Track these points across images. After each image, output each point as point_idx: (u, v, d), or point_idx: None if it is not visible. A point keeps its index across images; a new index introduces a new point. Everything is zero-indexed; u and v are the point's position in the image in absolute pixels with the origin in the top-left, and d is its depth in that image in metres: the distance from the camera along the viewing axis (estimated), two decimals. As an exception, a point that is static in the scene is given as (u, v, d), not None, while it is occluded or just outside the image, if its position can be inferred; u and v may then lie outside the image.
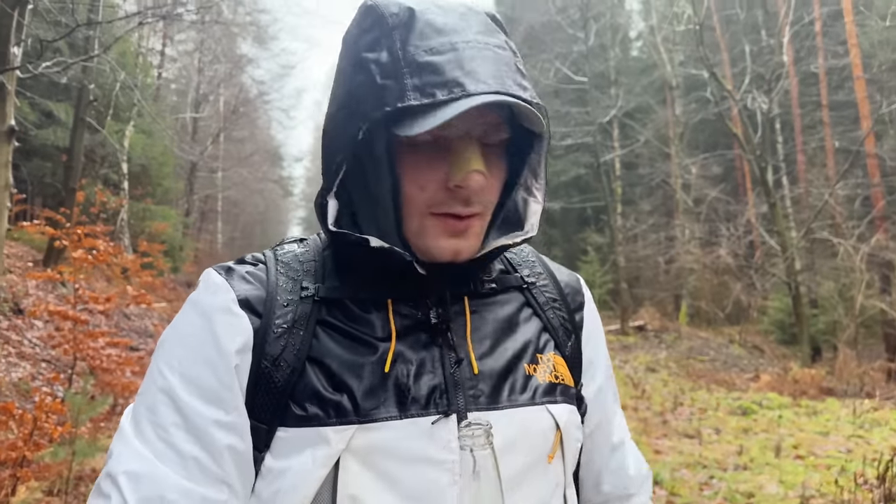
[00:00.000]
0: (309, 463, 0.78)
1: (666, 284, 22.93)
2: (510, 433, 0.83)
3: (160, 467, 0.77)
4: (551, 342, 0.94)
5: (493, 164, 0.85)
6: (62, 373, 6.87)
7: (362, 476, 0.78)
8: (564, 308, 0.99)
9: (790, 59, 18.01)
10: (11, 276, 9.52)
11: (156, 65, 22.16)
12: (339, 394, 0.80)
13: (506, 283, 0.96)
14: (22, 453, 4.09)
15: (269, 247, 0.99)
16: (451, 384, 0.83)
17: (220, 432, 0.79)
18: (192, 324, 0.86)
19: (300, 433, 0.80)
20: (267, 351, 0.82)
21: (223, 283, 0.87)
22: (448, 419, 0.81)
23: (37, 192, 16.64)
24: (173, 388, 0.81)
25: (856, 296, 13.55)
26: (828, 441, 7.21)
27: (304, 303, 0.86)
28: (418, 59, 0.78)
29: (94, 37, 11.33)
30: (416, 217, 0.84)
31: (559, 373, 0.92)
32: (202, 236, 29.76)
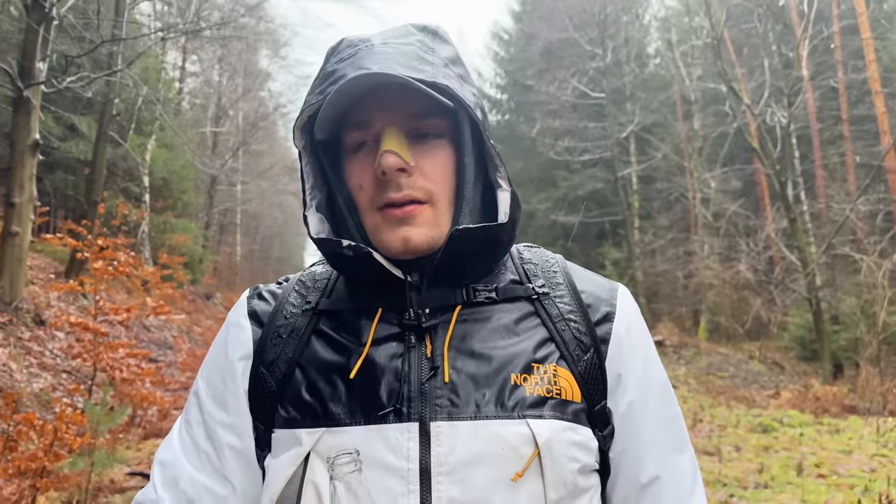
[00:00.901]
0: (283, 463, 0.85)
1: (685, 299, 22.73)
2: (473, 446, 0.81)
3: (181, 458, 0.93)
4: (556, 354, 0.89)
5: (433, 154, 0.89)
6: (82, 384, 6.92)
7: (325, 477, 0.82)
8: (583, 320, 0.93)
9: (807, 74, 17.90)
10: (34, 288, 9.63)
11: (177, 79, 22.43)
12: (313, 398, 0.86)
13: (511, 293, 0.93)
14: (42, 464, 4.12)
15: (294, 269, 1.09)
16: (417, 392, 0.83)
17: (223, 431, 0.93)
18: (220, 336, 1.00)
19: (285, 434, 0.87)
20: (264, 358, 0.92)
21: (244, 301, 1.00)
22: (410, 427, 0.82)
23: (59, 205, 16.84)
24: (199, 390, 0.97)
25: (878, 312, 13.35)
26: (850, 460, 7.08)
27: (304, 315, 0.94)
28: (327, 69, 0.90)
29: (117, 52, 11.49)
30: (367, 216, 0.90)
31: (560, 387, 0.87)
32: (221, 249, 29.93)
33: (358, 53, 0.88)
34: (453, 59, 0.93)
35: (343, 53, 0.90)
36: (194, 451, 0.93)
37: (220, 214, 28.54)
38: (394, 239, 0.87)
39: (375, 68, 0.83)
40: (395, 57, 0.86)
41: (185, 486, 0.91)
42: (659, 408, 0.96)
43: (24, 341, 7.62)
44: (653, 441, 0.94)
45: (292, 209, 40.74)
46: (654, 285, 23.41)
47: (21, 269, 7.93)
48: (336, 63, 0.89)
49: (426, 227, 0.87)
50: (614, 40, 22.69)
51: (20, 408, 5.76)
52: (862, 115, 19.07)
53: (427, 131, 0.89)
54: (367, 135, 0.89)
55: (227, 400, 0.93)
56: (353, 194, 0.91)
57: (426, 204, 0.88)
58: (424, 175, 0.88)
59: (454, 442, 0.81)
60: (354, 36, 0.93)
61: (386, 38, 0.91)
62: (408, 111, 0.87)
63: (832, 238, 15.57)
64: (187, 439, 0.95)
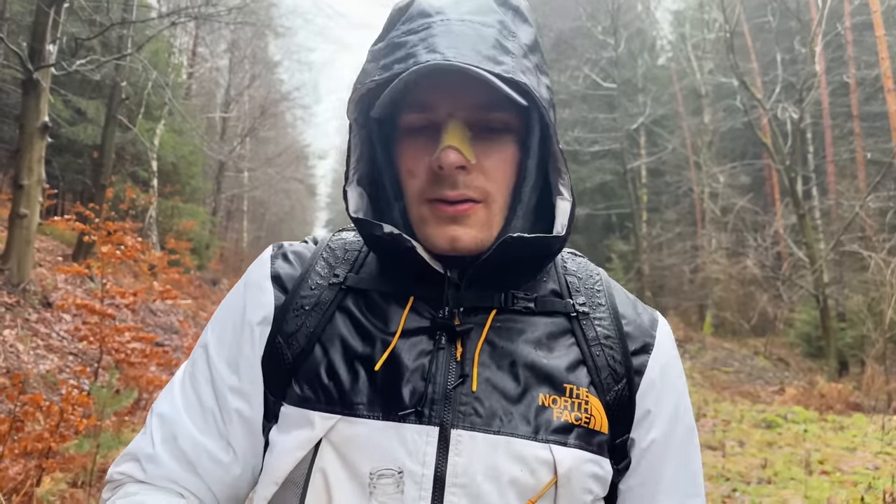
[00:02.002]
0: (291, 442, 0.81)
1: (691, 294, 22.68)
2: (492, 461, 0.78)
3: (183, 415, 0.88)
4: (587, 379, 0.85)
5: (495, 150, 0.83)
6: (88, 366, 6.95)
7: (336, 466, 0.79)
8: (619, 348, 0.88)
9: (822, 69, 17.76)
10: (41, 270, 9.66)
11: (187, 64, 22.42)
12: (331, 381, 0.82)
13: (550, 306, 0.89)
14: (48, 444, 4.14)
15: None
16: (441, 396, 0.79)
17: (232, 395, 0.87)
18: (237, 291, 0.94)
19: (295, 412, 0.82)
20: (283, 327, 0.86)
21: (267, 260, 0.94)
22: (430, 431, 0.78)
23: (68, 188, 16.90)
24: (209, 347, 0.91)
25: (885, 310, 13.29)
26: (854, 457, 7.07)
27: (330, 288, 0.88)
28: (395, 40, 0.81)
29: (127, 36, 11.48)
30: (414, 205, 0.84)
31: (591, 415, 0.83)
32: (228, 235, 30.01)
33: (432, 28, 0.79)
34: (532, 46, 0.85)
35: (414, 23, 0.81)
36: (198, 410, 0.88)
37: (228, 200, 28.60)
38: (441, 236, 0.81)
39: (451, 55, 0.75)
40: (472, 41, 0.78)
41: (185, 444, 0.86)
42: (682, 450, 0.93)
43: (31, 323, 7.66)
44: (672, 483, 0.91)
45: (299, 196, 40.83)
46: (660, 279, 23.36)
47: (29, 250, 7.95)
48: (405, 34, 0.80)
49: (476, 228, 0.82)
50: (627, 30, 22.55)
51: (27, 389, 5.79)
52: (874, 112, 18.93)
53: (493, 125, 0.82)
54: (427, 119, 0.82)
55: (241, 364, 0.87)
56: (401, 179, 0.85)
57: (480, 203, 0.82)
58: (484, 173, 0.81)
59: (473, 453, 0.78)
60: (426, 1, 0.84)
61: (463, 11, 0.81)
62: (476, 101, 0.80)
63: (841, 235, 15.49)
64: (191, 395, 0.89)
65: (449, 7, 0.82)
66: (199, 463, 0.85)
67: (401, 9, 0.85)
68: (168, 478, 0.86)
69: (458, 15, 0.81)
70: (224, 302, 0.95)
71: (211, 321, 0.94)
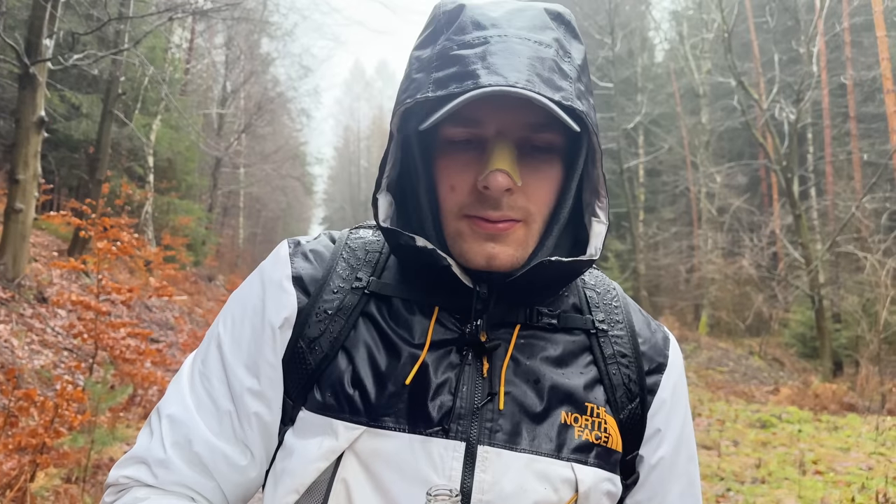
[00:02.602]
0: (314, 451, 0.79)
1: (686, 293, 22.73)
2: (519, 479, 0.78)
3: (196, 417, 0.84)
4: (603, 397, 0.86)
5: (539, 171, 0.81)
6: (83, 362, 6.94)
7: (360, 478, 0.78)
8: (635, 367, 0.89)
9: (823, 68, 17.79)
10: (36, 265, 9.64)
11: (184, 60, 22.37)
12: (356, 391, 0.80)
13: (571, 322, 0.89)
14: (42, 440, 4.13)
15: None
16: (469, 411, 0.80)
17: (251, 399, 0.84)
18: (252, 289, 0.90)
19: (316, 419, 0.81)
20: (306, 332, 0.84)
21: (286, 258, 0.90)
22: (457, 446, 0.78)
23: (63, 183, 16.84)
24: (223, 346, 0.87)
25: (880, 311, 13.33)
26: (848, 457, 7.09)
27: (353, 293, 0.86)
28: (449, 52, 0.78)
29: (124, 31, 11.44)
30: (451, 219, 0.82)
31: (609, 434, 0.84)
32: (224, 231, 29.96)
33: (490, 44, 0.76)
34: (583, 66, 0.83)
35: (468, 35, 0.78)
36: (213, 412, 0.84)
37: (224, 197, 28.55)
38: (478, 253, 0.80)
39: (513, 78, 0.73)
40: (532, 63, 0.75)
41: (200, 448, 0.82)
42: (687, 467, 0.94)
43: (26, 318, 7.64)
44: (678, 500, 0.92)
45: (296, 193, 40.76)
46: (656, 278, 23.40)
47: (24, 245, 7.93)
48: (460, 47, 0.77)
49: (514, 247, 0.81)
50: (624, 29, 22.56)
51: (21, 384, 5.78)
52: (871, 113, 18.99)
53: (539, 144, 0.80)
54: (473, 134, 0.79)
55: (261, 366, 0.84)
56: (438, 192, 0.82)
57: (521, 223, 0.81)
58: (527, 194, 0.80)
59: (500, 471, 0.78)
60: (476, 7, 0.81)
61: (520, 27, 0.79)
62: (526, 121, 0.78)
63: (836, 235, 15.53)
64: (205, 397, 0.85)
65: (504, 20, 0.80)
66: (216, 467, 0.83)
67: (448, 13, 0.82)
68: (180, 483, 0.83)
69: (516, 31, 0.78)
70: (237, 298, 0.91)
71: (222, 317, 0.90)
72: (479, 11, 0.81)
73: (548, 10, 0.84)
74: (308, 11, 61.48)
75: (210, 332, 0.91)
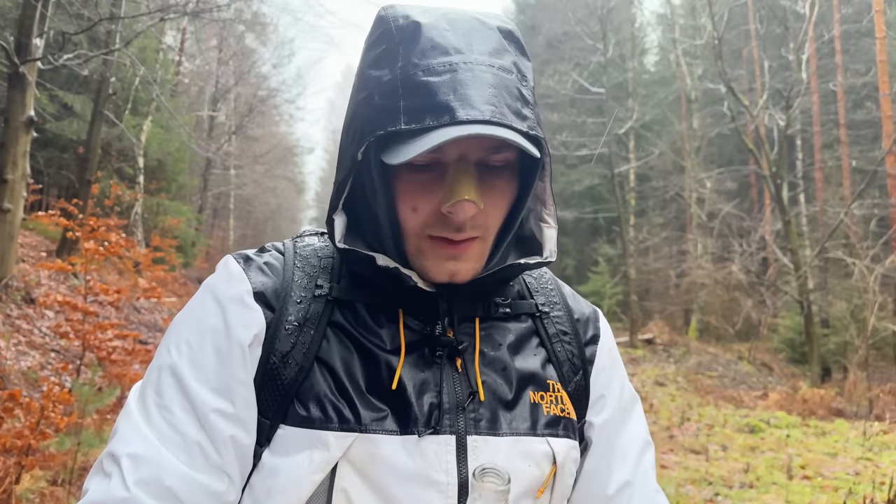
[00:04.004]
0: (305, 465, 0.78)
1: (676, 298, 22.80)
2: (506, 461, 0.82)
3: (163, 451, 0.77)
4: (555, 374, 0.92)
5: (496, 187, 0.83)
6: (71, 363, 6.89)
7: (358, 486, 0.78)
8: (575, 342, 0.96)
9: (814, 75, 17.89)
10: (24, 266, 9.58)
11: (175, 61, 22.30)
12: (342, 400, 0.80)
13: (520, 308, 0.94)
14: (28, 442, 4.10)
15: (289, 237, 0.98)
16: (453, 405, 0.82)
17: (225, 423, 0.79)
18: (206, 310, 0.85)
19: (300, 434, 0.79)
20: (276, 347, 0.82)
21: (240, 273, 0.87)
22: (448, 440, 0.81)
23: (52, 183, 16.75)
24: (182, 373, 0.81)
25: (868, 317, 13.41)
26: (836, 462, 7.13)
27: (316, 301, 0.86)
28: (415, 79, 0.76)
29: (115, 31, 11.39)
30: (412, 238, 0.84)
31: (565, 406, 0.90)
32: (214, 233, 29.87)
33: (457, 72, 0.76)
34: (532, 81, 0.85)
35: (433, 60, 0.77)
36: (181, 444, 0.78)
37: (214, 198, 28.47)
38: (441, 271, 0.83)
39: (488, 113, 0.74)
40: (501, 94, 0.76)
41: (173, 483, 0.75)
42: (630, 417, 1.00)
43: (12, 319, 7.59)
44: (624, 451, 0.96)
45: (286, 194, 40.71)
46: (646, 283, 23.46)
47: (12, 246, 7.87)
48: (427, 74, 0.76)
49: (473, 262, 0.84)
50: (617, 34, 22.64)
51: (7, 385, 5.73)
52: (859, 120, 19.11)
53: (497, 164, 0.82)
54: (434, 158, 0.80)
55: (233, 388, 0.80)
56: (398, 212, 0.83)
57: (478, 238, 0.84)
58: (486, 213, 0.83)
59: (489, 456, 0.81)
60: (433, 26, 0.80)
61: (480, 51, 0.79)
62: (486, 144, 0.80)
63: (825, 241, 15.62)
64: (167, 429, 0.78)
65: (464, 44, 0.79)
66: (192, 499, 0.77)
67: (402, 30, 0.81)
68: None
69: (478, 56, 0.78)
70: (187, 322, 0.86)
71: (171, 344, 0.84)
72: (438, 33, 0.80)
73: (500, 29, 0.83)
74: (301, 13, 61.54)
75: (155, 363, 0.84)
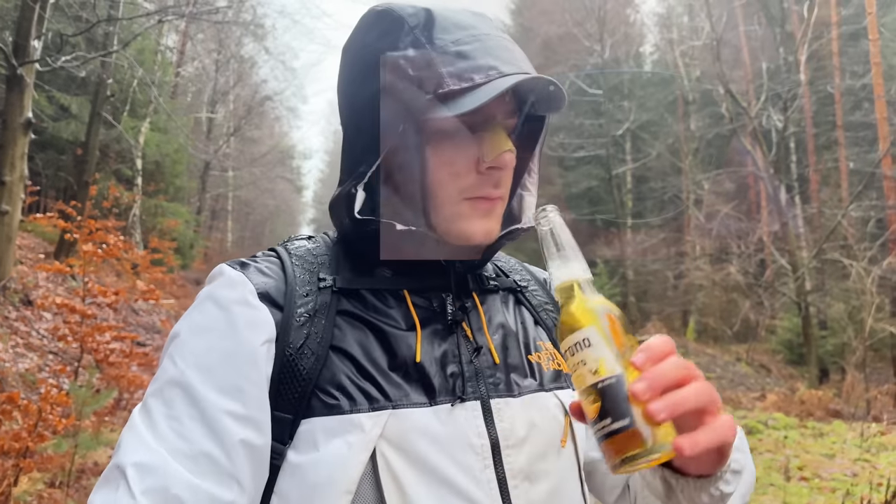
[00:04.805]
0: (344, 450, 0.77)
1: (674, 300, 22.82)
2: (528, 419, 0.87)
3: (170, 461, 0.75)
4: (545, 337, 0.99)
5: (513, 151, 0.89)
6: (68, 365, 6.89)
7: (400, 462, 0.79)
8: (555, 310, 1.02)
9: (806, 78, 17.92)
10: (22, 268, 9.57)
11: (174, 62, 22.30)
12: (367, 382, 0.82)
13: (503, 283, 1.01)
14: (25, 444, 4.10)
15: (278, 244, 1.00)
16: (472, 373, 0.87)
17: (236, 425, 0.78)
18: (209, 316, 0.84)
19: (330, 423, 0.79)
20: (290, 341, 0.82)
21: (240, 277, 0.86)
22: (475, 406, 0.85)
23: (50, 185, 16.74)
24: (189, 381, 0.79)
25: (865, 318, 13.44)
26: (833, 464, 7.13)
27: (322, 293, 0.87)
28: (448, 49, 0.83)
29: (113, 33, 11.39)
30: (448, 205, 0.87)
31: (559, 360, 0.96)
32: (212, 234, 29.87)
33: (483, 41, 0.84)
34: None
35: (457, 34, 0.84)
36: (188, 453, 0.76)
37: (212, 200, 28.48)
38: (479, 230, 0.88)
39: (525, 68, 0.84)
40: (524, 57, 0.87)
41: (181, 491, 0.73)
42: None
43: (10, 321, 7.58)
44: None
45: (284, 197, 40.63)
46: (644, 284, 23.48)
47: (10, 248, 7.87)
48: (457, 45, 0.84)
49: (496, 221, 0.90)
50: (613, 36, 22.66)
51: (5, 387, 5.73)
52: (857, 122, 19.14)
53: (510, 130, 0.89)
54: (466, 121, 0.85)
55: (244, 389, 0.79)
56: (436, 180, 0.86)
57: (501, 199, 0.90)
58: (507, 174, 0.89)
59: (512, 417, 0.86)
60: (442, 11, 0.87)
61: (489, 27, 0.88)
62: (506, 108, 0.88)
63: (823, 243, 15.64)
64: (174, 438, 0.76)
65: (477, 22, 0.88)
66: None
67: (413, 16, 0.87)
68: None
69: (489, 30, 0.87)
70: (190, 331, 0.84)
71: (176, 355, 0.82)
72: (450, 14, 0.87)
73: (491, 19, 0.92)
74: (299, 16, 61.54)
75: (159, 376, 0.82)
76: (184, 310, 0.92)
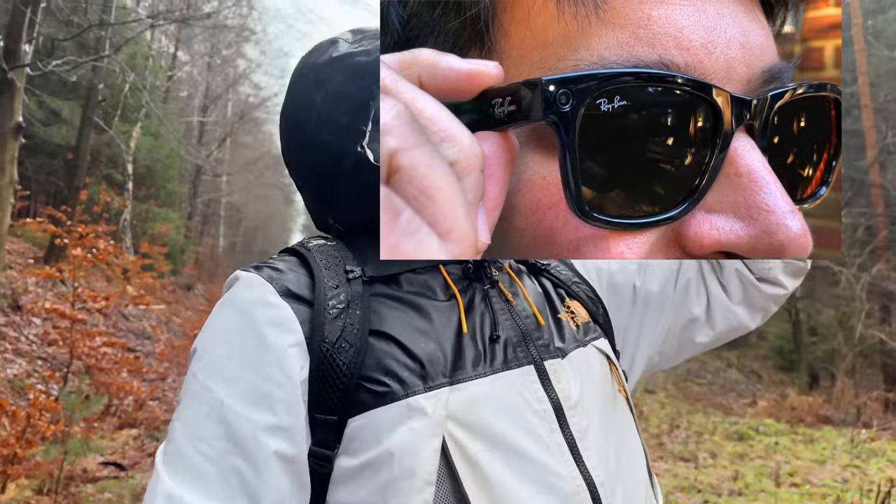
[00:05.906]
0: (411, 437, 0.71)
1: (666, 306, 22.89)
2: (580, 376, 0.86)
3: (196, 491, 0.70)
4: (565, 295, 0.99)
5: None
6: (58, 371, 6.85)
7: (468, 437, 0.74)
8: (585, 284, 1.04)
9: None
10: (11, 273, 9.51)
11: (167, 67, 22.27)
12: (416, 361, 0.76)
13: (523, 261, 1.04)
14: (13, 450, 4.07)
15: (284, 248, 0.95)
16: (520, 338, 0.85)
17: (268, 437, 0.72)
18: (229, 322, 0.79)
19: (385, 413, 0.73)
20: (325, 336, 0.76)
21: (256, 278, 0.81)
22: (529, 370, 0.82)
23: (40, 190, 16.65)
24: (222, 398, 0.73)
25: (855, 325, 13.50)
26: (824, 470, 7.16)
27: (353, 283, 0.82)
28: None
29: (104, 37, 11.38)
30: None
31: (581, 312, 0.97)
32: (204, 240, 29.74)
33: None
34: None
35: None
36: (214, 475, 0.71)
37: (204, 205, 28.39)
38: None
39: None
40: None
41: None
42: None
43: (-1, 326, 7.53)
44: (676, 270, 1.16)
45: (277, 203, 40.58)
46: (635, 291, 23.55)
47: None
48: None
49: None
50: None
51: (-7, 393, 5.68)
52: (846, 130, 19.02)
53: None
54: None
55: (274, 396, 0.73)
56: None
57: None
58: None
59: (565, 377, 0.84)
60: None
61: None
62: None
63: (813, 250, 15.68)
64: (200, 461, 0.71)
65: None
66: None
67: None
68: None
69: None
70: (209, 339, 0.79)
71: (197, 369, 0.77)
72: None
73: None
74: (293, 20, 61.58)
75: (183, 396, 0.77)
76: (174, 315, 0.88)
